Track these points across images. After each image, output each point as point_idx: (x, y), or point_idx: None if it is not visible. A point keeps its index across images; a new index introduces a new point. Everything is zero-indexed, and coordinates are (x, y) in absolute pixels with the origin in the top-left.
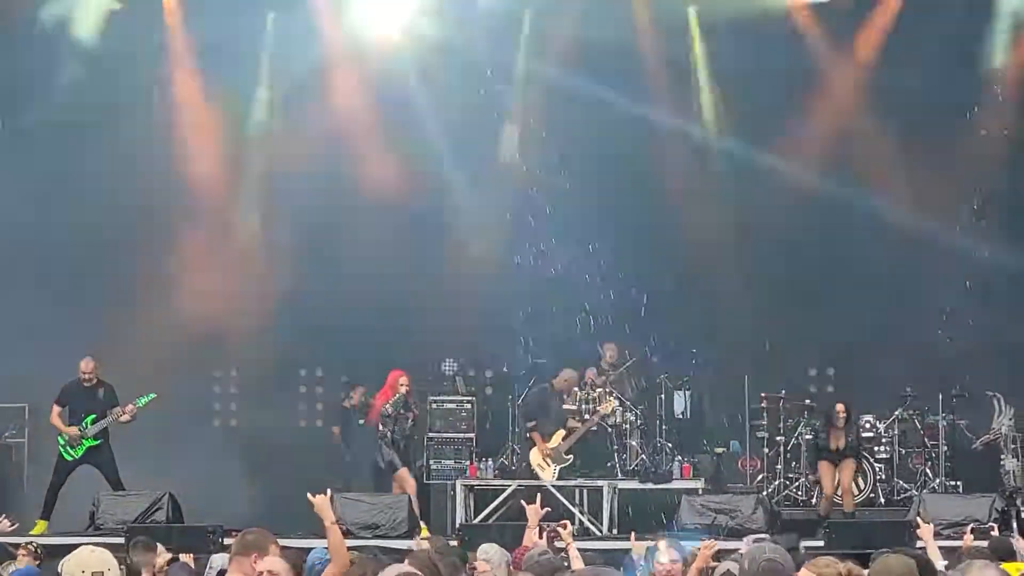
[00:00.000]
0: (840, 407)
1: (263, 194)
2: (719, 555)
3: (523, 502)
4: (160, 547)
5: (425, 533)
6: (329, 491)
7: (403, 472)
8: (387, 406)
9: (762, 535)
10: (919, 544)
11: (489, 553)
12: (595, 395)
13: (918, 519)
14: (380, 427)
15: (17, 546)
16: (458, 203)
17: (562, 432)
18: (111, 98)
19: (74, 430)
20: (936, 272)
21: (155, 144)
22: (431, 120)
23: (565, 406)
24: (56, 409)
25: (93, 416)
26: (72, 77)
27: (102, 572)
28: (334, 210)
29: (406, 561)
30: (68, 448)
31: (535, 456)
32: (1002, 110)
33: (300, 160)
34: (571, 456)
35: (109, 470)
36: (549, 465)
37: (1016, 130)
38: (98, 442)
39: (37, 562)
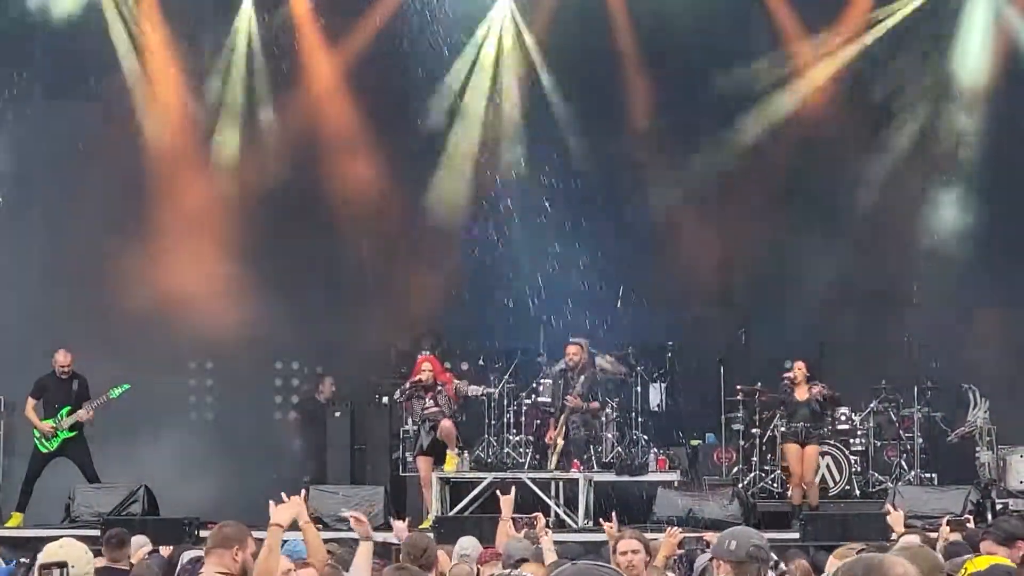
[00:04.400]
0: (798, 363)
1: (238, 181)
2: (683, 543)
3: (498, 492)
4: (144, 539)
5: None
6: (304, 491)
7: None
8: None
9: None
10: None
11: (466, 547)
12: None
13: (888, 506)
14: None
15: None
16: (435, 195)
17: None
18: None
19: (47, 425)
20: (911, 266)
21: (128, 133)
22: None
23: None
24: (31, 402)
25: (68, 408)
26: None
27: (65, 563)
28: (308, 200)
29: None
30: (43, 440)
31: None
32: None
33: (274, 147)
34: (562, 441)
35: (84, 462)
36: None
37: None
38: (73, 434)
39: None
